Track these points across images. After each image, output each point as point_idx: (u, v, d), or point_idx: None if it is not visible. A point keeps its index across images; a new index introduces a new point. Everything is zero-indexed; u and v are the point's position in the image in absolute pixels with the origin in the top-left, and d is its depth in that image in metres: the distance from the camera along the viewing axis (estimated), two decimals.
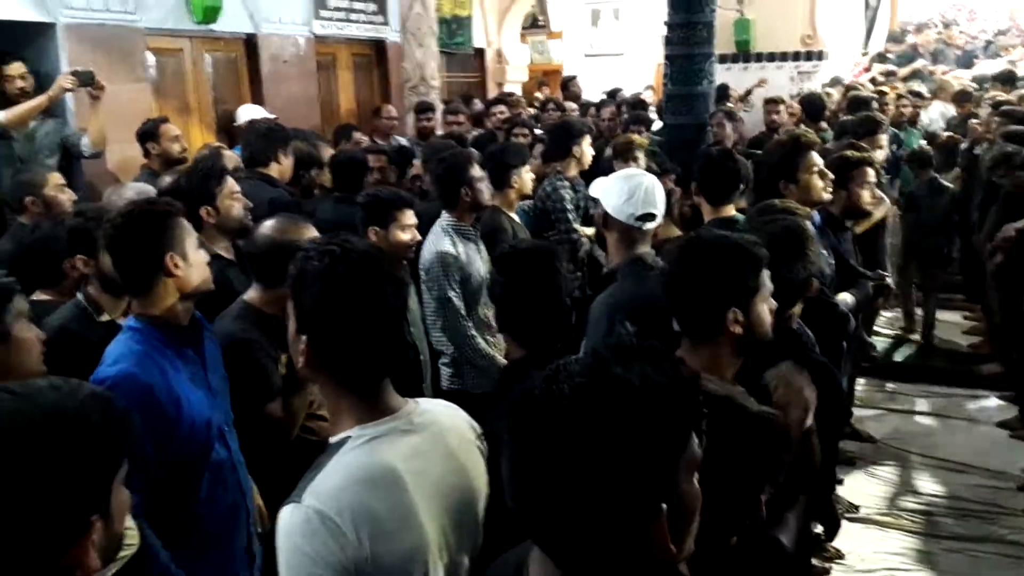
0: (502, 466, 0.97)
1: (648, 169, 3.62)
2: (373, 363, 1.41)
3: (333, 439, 1.40)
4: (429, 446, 1.43)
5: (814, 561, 3.39)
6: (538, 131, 6.42)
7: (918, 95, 7.46)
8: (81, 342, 2.31)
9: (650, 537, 0.91)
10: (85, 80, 4.37)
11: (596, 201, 2.69)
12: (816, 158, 3.29)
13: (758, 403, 1.44)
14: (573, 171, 4.49)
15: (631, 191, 2.54)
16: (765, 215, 2.55)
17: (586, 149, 4.55)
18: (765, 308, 1.83)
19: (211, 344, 2.20)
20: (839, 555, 3.60)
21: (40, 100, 4.23)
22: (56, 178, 3.49)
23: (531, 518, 0.95)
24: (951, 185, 5.88)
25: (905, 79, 9.33)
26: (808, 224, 2.42)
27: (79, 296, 2.51)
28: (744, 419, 1.36)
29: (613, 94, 8.50)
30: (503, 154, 3.90)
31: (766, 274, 1.84)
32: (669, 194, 3.29)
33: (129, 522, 1.18)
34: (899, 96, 7.27)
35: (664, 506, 0.91)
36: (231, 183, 3.01)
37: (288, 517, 1.31)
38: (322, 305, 1.37)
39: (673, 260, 1.91)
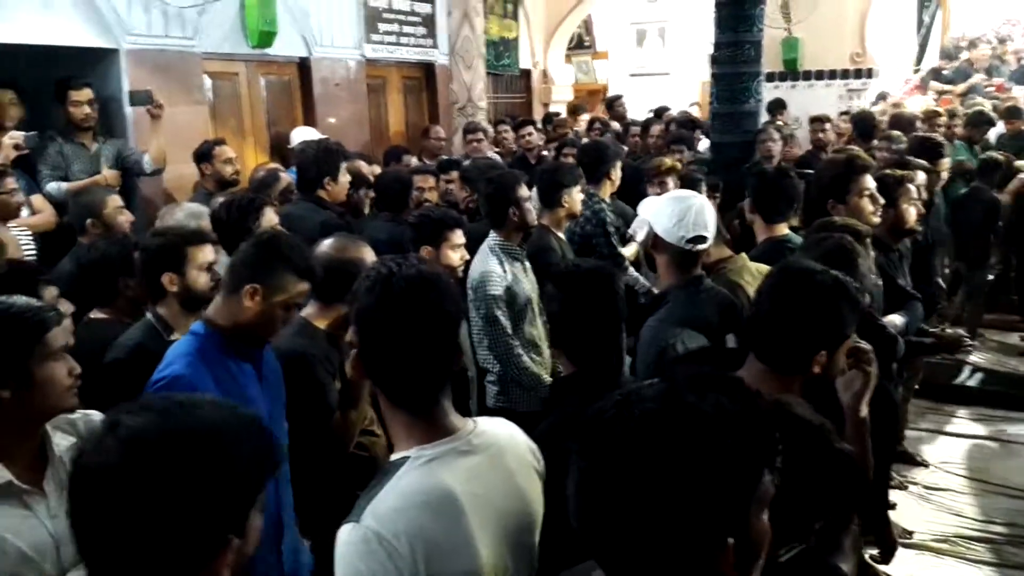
0: (568, 485, 0.97)
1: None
2: (428, 382, 1.42)
3: (394, 457, 1.42)
4: (488, 468, 1.43)
5: None
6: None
7: (983, 116, 7.29)
8: (153, 360, 2.33)
9: (716, 568, 0.90)
10: (143, 100, 4.52)
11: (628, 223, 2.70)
12: (869, 181, 3.24)
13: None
14: (607, 193, 4.51)
15: (682, 213, 2.53)
16: (823, 231, 2.54)
17: (618, 172, 4.57)
18: (843, 358, 1.85)
19: (271, 362, 2.24)
20: None
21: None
22: (115, 200, 3.58)
23: (595, 539, 0.94)
24: (1002, 197, 5.82)
25: (962, 95, 9.18)
26: (863, 241, 2.42)
27: (148, 316, 2.54)
28: (828, 452, 1.37)
29: (660, 113, 8.49)
30: (555, 173, 3.92)
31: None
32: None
33: None
34: (952, 115, 7.15)
35: (731, 540, 0.90)
36: (270, 215, 3.08)
37: (346, 536, 1.32)
38: (377, 322, 1.40)
39: (774, 287, 1.89)
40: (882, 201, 3.24)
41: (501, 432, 1.53)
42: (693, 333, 2.32)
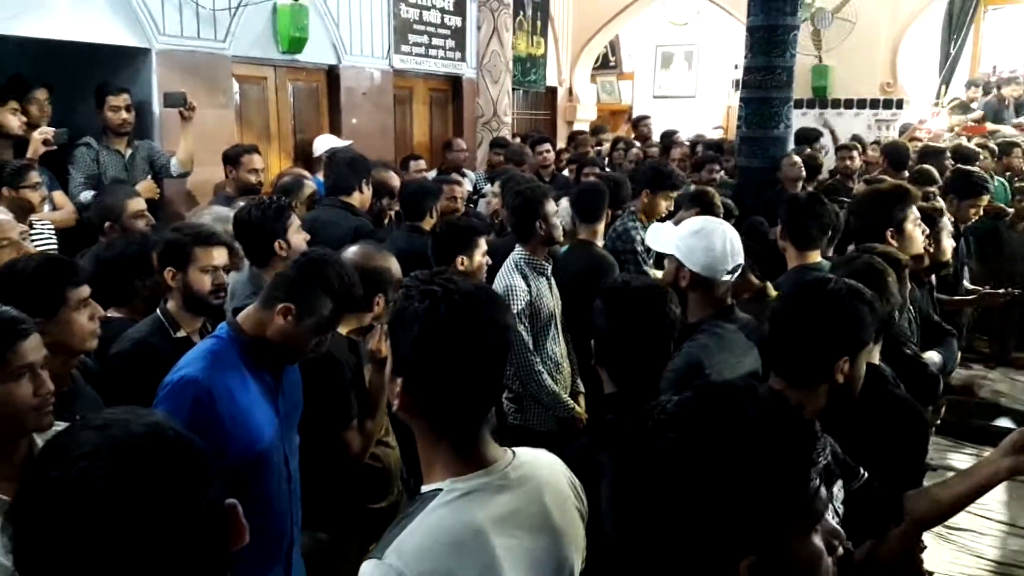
0: (602, 498, 0.97)
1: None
2: (472, 410, 1.33)
3: (425, 489, 1.33)
4: (524, 506, 1.35)
5: None
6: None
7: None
8: (156, 355, 2.36)
9: None
10: (177, 101, 4.53)
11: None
12: (917, 211, 3.20)
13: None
14: (644, 216, 4.49)
15: (715, 247, 2.43)
16: (853, 255, 2.49)
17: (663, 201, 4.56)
18: (864, 365, 1.80)
19: (291, 372, 2.21)
20: None
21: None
22: (136, 204, 3.54)
23: (630, 554, 0.93)
24: None
25: (987, 129, 9.09)
26: (901, 271, 2.36)
27: (158, 312, 2.57)
28: None
29: (665, 138, 8.17)
30: (597, 188, 4.01)
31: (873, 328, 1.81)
32: None
33: None
34: (983, 147, 7.09)
35: (745, 562, 0.87)
36: (295, 219, 3.07)
37: (368, 574, 1.24)
38: (421, 348, 1.29)
39: (791, 301, 1.86)
40: (926, 230, 3.19)
41: (541, 464, 1.44)
42: (728, 361, 2.26)
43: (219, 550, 0.91)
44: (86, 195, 4.23)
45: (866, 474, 1.80)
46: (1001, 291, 4.12)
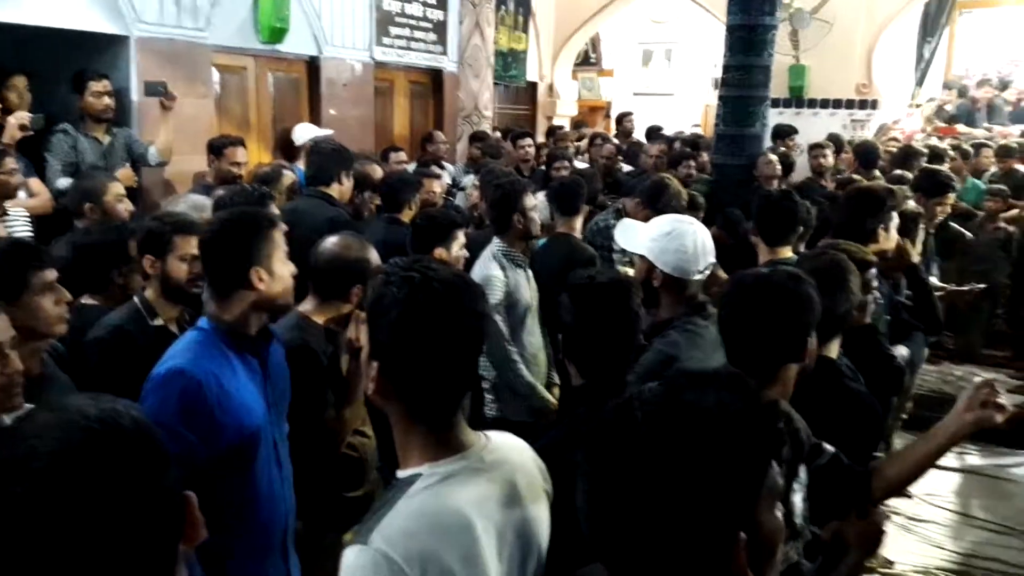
0: (577, 496, 0.96)
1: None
2: (448, 396, 1.35)
3: (402, 474, 1.36)
4: (499, 488, 1.38)
5: None
6: (581, 164, 6.48)
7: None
8: (132, 342, 2.38)
9: (729, 567, 0.90)
10: (157, 91, 4.51)
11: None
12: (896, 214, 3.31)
13: None
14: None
15: (687, 248, 2.45)
16: (819, 251, 2.54)
17: None
18: (812, 340, 1.83)
19: (277, 357, 2.22)
20: None
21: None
22: (116, 188, 3.56)
23: (607, 546, 0.94)
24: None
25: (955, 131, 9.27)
26: (867, 269, 2.42)
27: (135, 299, 2.57)
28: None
29: (652, 133, 8.44)
30: (575, 182, 4.04)
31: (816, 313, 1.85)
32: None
33: None
34: (955, 148, 7.24)
35: (743, 535, 0.90)
36: (271, 211, 3.04)
37: (354, 559, 1.25)
38: (399, 334, 1.30)
39: (732, 296, 1.90)
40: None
41: (512, 447, 1.48)
42: (698, 358, 2.29)
43: (166, 542, 0.88)
44: (63, 182, 4.21)
45: (832, 450, 1.85)
46: (967, 288, 4.22)
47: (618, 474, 0.91)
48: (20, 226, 3.70)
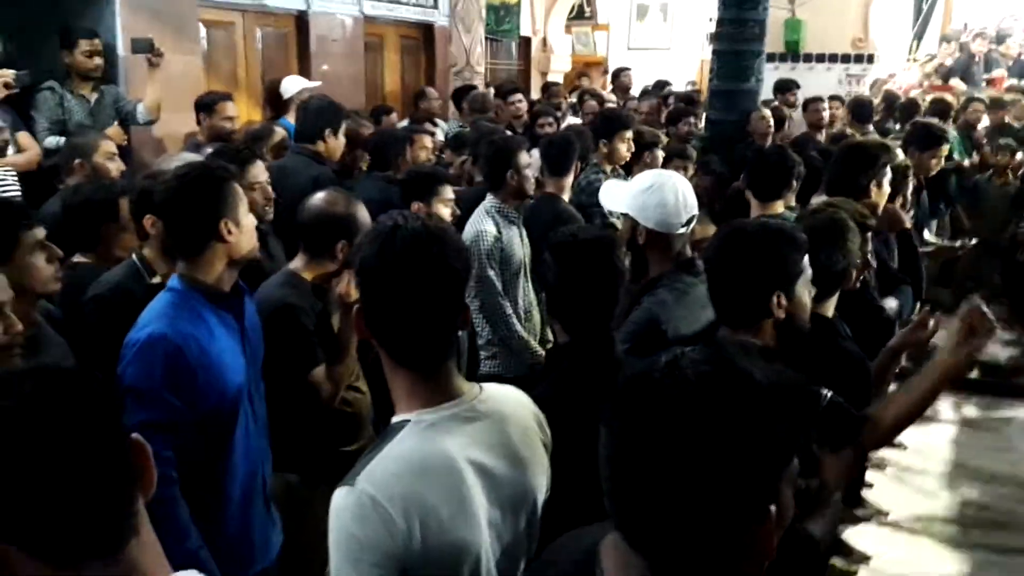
0: (600, 446, 0.93)
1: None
2: (433, 341, 1.37)
3: (393, 420, 1.38)
4: (490, 436, 1.40)
5: (840, 563, 3.37)
6: (573, 120, 6.42)
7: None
8: (132, 299, 2.34)
9: (754, 540, 0.89)
10: (144, 48, 4.44)
11: None
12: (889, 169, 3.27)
13: None
14: (608, 164, 4.48)
15: (668, 202, 2.43)
16: (819, 207, 2.54)
17: (620, 144, 4.50)
18: (806, 293, 1.87)
19: (251, 312, 2.22)
20: (865, 558, 3.58)
21: None
22: (107, 146, 3.52)
23: (627, 504, 0.91)
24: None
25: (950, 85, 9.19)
26: (865, 226, 2.41)
27: (133, 257, 2.55)
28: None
29: (660, 86, 8.35)
30: (566, 140, 3.93)
31: (806, 259, 1.88)
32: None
33: None
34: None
35: (773, 508, 0.89)
36: (255, 169, 2.98)
37: (341, 500, 1.28)
38: (380, 276, 1.35)
39: (716, 247, 1.91)
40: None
41: (507, 398, 1.49)
42: (686, 317, 2.28)
43: (116, 486, 0.91)
44: (51, 140, 4.16)
45: (829, 394, 1.87)
46: (958, 244, 4.21)
47: (660, 433, 0.87)
48: (8, 185, 3.67)
